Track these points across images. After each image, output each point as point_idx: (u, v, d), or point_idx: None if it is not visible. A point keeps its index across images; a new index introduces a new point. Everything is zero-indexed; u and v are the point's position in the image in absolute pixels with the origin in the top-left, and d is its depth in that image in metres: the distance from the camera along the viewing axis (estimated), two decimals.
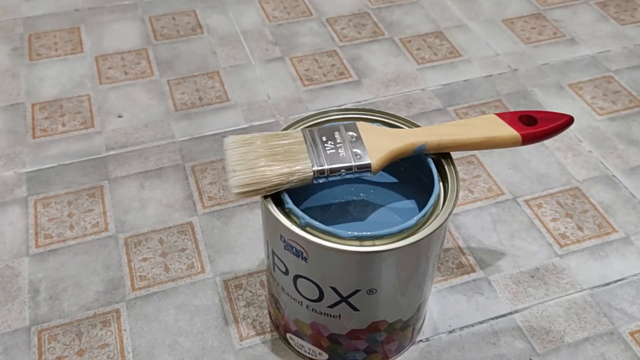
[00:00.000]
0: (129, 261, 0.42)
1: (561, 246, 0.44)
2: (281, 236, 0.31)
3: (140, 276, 0.42)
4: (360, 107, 0.35)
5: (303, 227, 0.30)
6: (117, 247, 0.43)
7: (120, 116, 0.53)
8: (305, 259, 0.30)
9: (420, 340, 0.39)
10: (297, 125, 0.34)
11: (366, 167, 0.31)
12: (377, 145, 0.32)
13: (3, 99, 0.54)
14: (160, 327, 0.39)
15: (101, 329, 0.39)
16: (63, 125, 0.52)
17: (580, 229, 0.45)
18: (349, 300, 0.32)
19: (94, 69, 0.58)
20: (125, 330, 0.39)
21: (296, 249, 0.30)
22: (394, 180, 0.35)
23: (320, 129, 0.32)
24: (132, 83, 0.57)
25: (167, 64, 0.59)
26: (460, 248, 0.44)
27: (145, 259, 0.43)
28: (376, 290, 0.31)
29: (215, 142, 0.51)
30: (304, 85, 0.57)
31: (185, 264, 0.42)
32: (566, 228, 0.45)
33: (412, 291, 0.33)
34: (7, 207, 0.46)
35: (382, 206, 0.34)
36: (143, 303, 0.40)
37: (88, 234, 0.44)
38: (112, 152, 0.50)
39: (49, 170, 0.48)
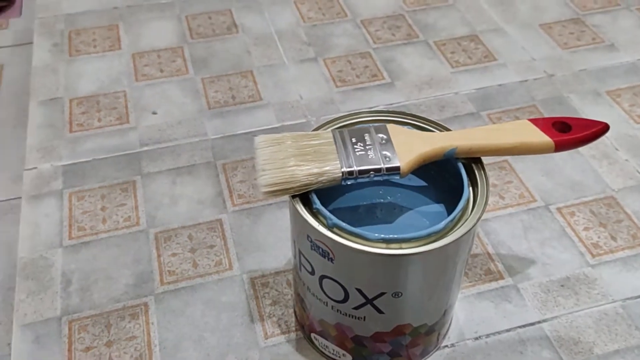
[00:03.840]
0: (159, 256, 0.43)
1: (593, 256, 0.43)
2: (308, 236, 0.31)
3: (169, 271, 0.42)
4: (391, 110, 0.35)
5: (330, 228, 0.30)
6: (147, 242, 0.44)
7: (154, 113, 0.54)
8: (332, 260, 0.30)
9: (446, 346, 0.38)
10: (327, 126, 0.34)
11: (395, 170, 0.31)
12: (407, 148, 0.31)
13: (43, 94, 0.56)
14: (187, 322, 0.39)
15: (129, 322, 0.39)
16: (99, 120, 0.53)
17: (613, 238, 0.44)
18: (374, 302, 0.32)
19: (131, 65, 0.59)
20: (153, 323, 0.39)
21: (323, 250, 0.30)
22: (423, 183, 0.35)
23: (350, 130, 0.32)
24: (167, 80, 0.58)
25: (202, 62, 0.60)
26: (489, 254, 0.43)
27: (174, 254, 0.43)
28: (402, 294, 0.31)
29: (247, 140, 0.52)
30: (337, 87, 0.57)
31: (213, 260, 0.43)
32: (599, 237, 0.44)
33: (438, 296, 0.33)
34: (43, 199, 0.47)
35: (410, 209, 0.34)
36: (171, 297, 0.41)
37: (120, 227, 0.45)
38: (145, 148, 0.51)
39: (85, 164, 0.50)
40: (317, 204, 0.30)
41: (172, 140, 0.52)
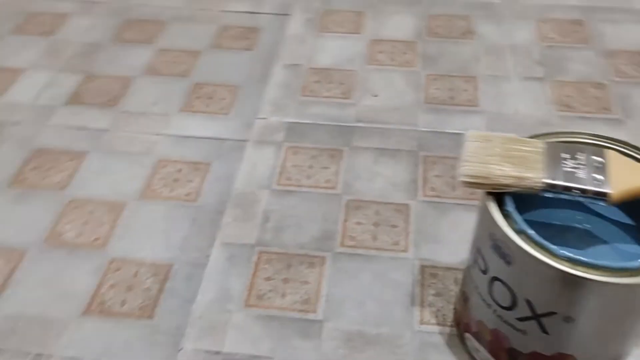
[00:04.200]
0: (345, 220, 0.47)
1: None
2: (491, 234, 0.31)
3: (350, 236, 0.46)
4: (615, 137, 0.34)
5: (517, 232, 0.30)
6: (339, 205, 0.48)
7: (375, 95, 0.58)
8: (509, 263, 0.31)
9: None
10: (542, 136, 0.34)
11: (603, 196, 0.30)
12: (623, 178, 0.30)
13: (288, 59, 0.63)
14: (354, 285, 0.42)
15: (307, 268, 0.44)
16: (327, 90, 0.59)
17: None
18: (541, 320, 0.31)
19: (367, 50, 0.64)
20: (325, 276, 0.43)
21: (503, 251, 0.31)
22: (629, 221, 0.33)
23: (564, 146, 0.32)
24: (395, 70, 0.61)
25: (431, 59, 0.62)
26: None
27: (359, 223, 0.46)
28: (574, 321, 0.30)
29: (453, 140, 0.53)
30: (558, 110, 0.55)
31: (392, 238, 0.45)
32: None
33: (613, 338, 0.31)
34: (266, 146, 0.53)
35: (605, 242, 0.33)
36: (346, 259, 0.44)
37: (320, 186, 0.50)
38: (359, 124, 0.55)
39: (306, 125, 0.55)
40: (510, 206, 0.31)
41: (385, 123, 0.55)
